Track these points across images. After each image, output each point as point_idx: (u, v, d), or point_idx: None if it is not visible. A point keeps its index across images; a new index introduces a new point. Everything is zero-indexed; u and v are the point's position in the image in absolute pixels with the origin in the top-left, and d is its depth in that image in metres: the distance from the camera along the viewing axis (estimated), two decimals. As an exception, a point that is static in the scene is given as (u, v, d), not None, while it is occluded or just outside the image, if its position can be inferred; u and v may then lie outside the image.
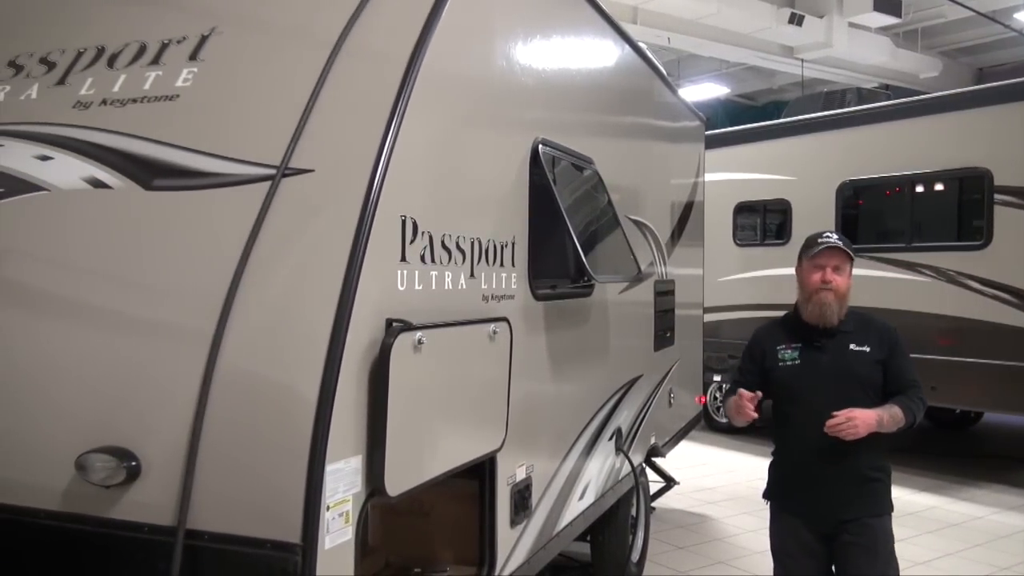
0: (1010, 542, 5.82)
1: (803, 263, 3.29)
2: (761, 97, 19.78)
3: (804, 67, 14.96)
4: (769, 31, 13.13)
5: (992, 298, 6.98)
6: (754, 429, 9.36)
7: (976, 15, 14.18)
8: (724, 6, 12.01)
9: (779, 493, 3.34)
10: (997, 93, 7.59)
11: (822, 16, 13.07)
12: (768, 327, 3.43)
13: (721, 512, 6.54)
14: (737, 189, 9.19)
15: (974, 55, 17.47)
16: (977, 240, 7.17)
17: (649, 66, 5.28)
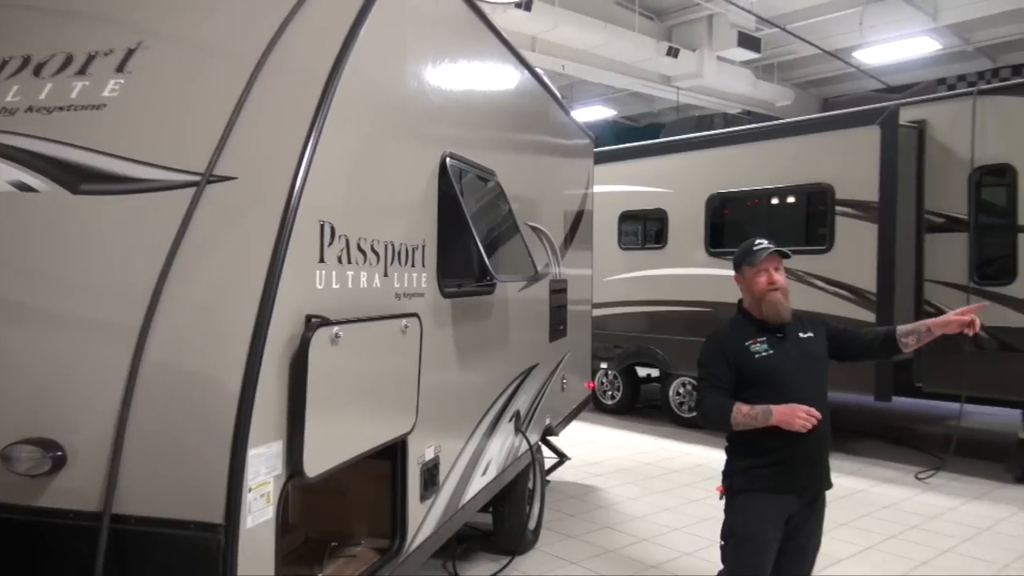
0: (848, 502, 6.13)
1: (745, 271, 3.20)
2: (643, 119, 20.23)
3: (679, 94, 15.40)
4: (650, 62, 13.45)
5: (834, 295, 7.34)
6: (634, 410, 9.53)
7: (822, 52, 14.91)
8: (612, 39, 12.23)
9: (760, 479, 3.07)
10: (839, 120, 7.96)
11: (695, 50, 13.48)
12: (725, 331, 3.24)
13: (607, 483, 6.68)
14: (622, 200, 9.37)
15: (820, 87, 18.35)
16: (822, 245, 7.51)
17: (545, 89, 5.33)
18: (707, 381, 3.13)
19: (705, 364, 3.17)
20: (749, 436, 3.04)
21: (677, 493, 6.38)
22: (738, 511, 3.12)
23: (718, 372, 3.11)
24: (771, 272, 3.16)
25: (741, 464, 3.15)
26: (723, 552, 3.17)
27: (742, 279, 3.23)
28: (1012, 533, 5.42)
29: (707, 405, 3.10)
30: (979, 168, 6.85)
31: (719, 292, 8.30)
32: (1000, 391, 6.75)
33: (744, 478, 3.12)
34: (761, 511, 3.06)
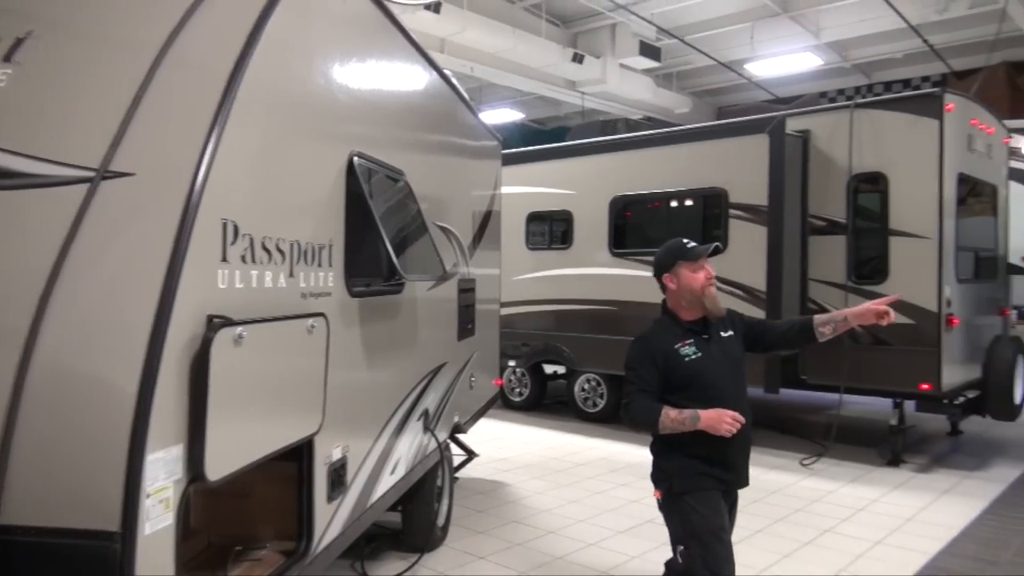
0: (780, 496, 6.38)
1: (680, 269, 3.15)
2: (549, 122, 20.47)
3: (584, 99, 15.67)
4: (556, 67, 13.63)
5: (729, 293, 7.61)
6: (541, 407, 9.58)
7: (717, 64, 15.47)
8: (519, 43, 12.33)
9: (700, 478, 3.07)
10: (732, 128, 8.28)
11: (599, 57, 13.75)
12: (652, 334, 3.18)
13: (515, 478, 6.73)
14: (529, 201, 9.46)
15: (715, 96, 19.05)
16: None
17: (454, 91, 5.32)
18: (635, 384, 3.07)
19: (633, 367, 3.11)
20: (681, 438, 3.02)
21: (582, 486, 6.49)
22: (691, 512, 3.05)
23: (646, 375, 3.07)
24: (707, 268, 3.18)
25: (675, 466, 3.10)
26: (686, 557, 3.04)
27: (675, 278, 3.17)
28: (884, 512, 5.78)
29: (635, 409, 3.05)
30: (856, 176, 7.27)
31: (622, 291, 8.49)
32: (874, 382, 7.18)
33: (684, 479, 3.08)
34: (713, 504, 3.07)
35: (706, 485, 3.08)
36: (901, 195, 7.01)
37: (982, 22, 12.18)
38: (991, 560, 4.80)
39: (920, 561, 4.77)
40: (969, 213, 7.53)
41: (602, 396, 9.03)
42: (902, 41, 14.15)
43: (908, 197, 6.97)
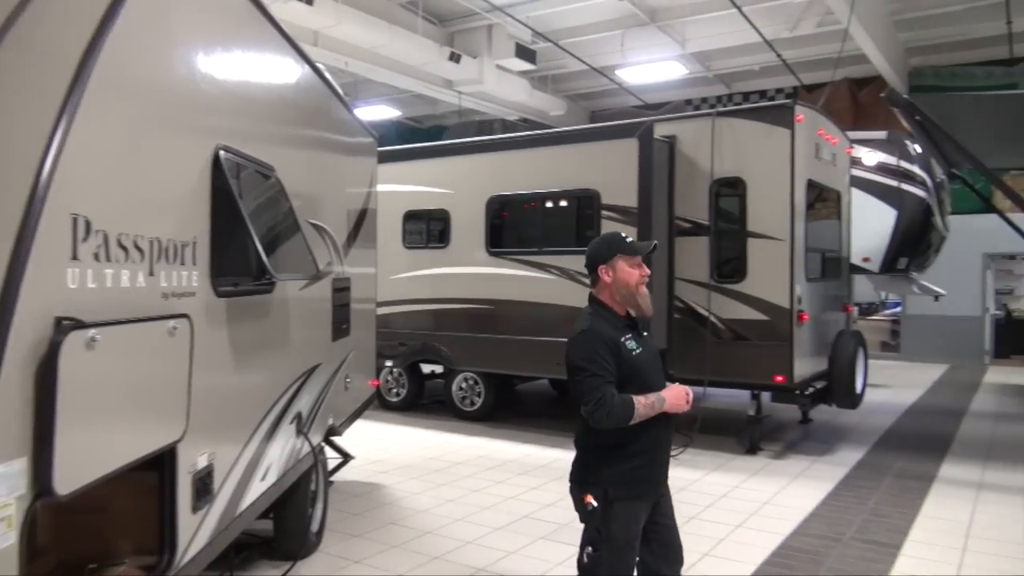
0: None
1: (618, 262, 3.07)
2: (427, 121, 20.38)
3: (461, 98, 15.70)
4: (433, 65, 13.58)
5: (600, 292, 7.86)
6: (419, 407, 9.49)
7: (590, 69, 15.91)
8: (395, 40, 12.19)
9: (637, 483, 3.00)
10: (603, 132, 8.55)
11: (476, 57, 13.81)
12: (600, 325, 3.02)
13: (392, 480, 6.65)
14: (406, 199, 9.37)
15: (589, 100, 19.58)
16: (590, 247, 8.01)
17: (327, 85, 5.20)
18: (601, 377, 2.89)
19: (594, 360, 2.91)
20: (624, 439, 2.95)
21: (460, 485, 6.51)
22: (615, 519, 2.95)
23: (607, 366, 2.92)
24: (643, 266, 3.12)
25: (613, 470, 2.98)
26: (592, 559, 2.96)
27: (611, 270, 3.08)
28: (744, 497, 6.14)
29: (613, 402, 2.86)
30: (717, 180, 7.67)
31: (500, 290, 8.57)
32: (735, 375, 7.61)
33: (620, 485, 2.97)
34: (636, 515, 3.00)
35: (641, 492, 3.02)
36: (757, 199, 7.47)
37: (828, 40, 13.16)
38: (835, 537, 5.20)
39: (776, 541, 5.10)
40: (817, 217, 8.11)
41: (480, 395, 9.08)
42: (759, 55, 15.07)
43: (763, 201, 7.43)
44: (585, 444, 3.07)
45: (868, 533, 5.30)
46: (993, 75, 15.18)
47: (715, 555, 4.90)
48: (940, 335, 14.92)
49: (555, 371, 8.78)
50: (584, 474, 3.06)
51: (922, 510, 5.83)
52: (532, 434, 8.43)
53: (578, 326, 3.05)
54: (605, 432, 2.93)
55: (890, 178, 10.20)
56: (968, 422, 9.33)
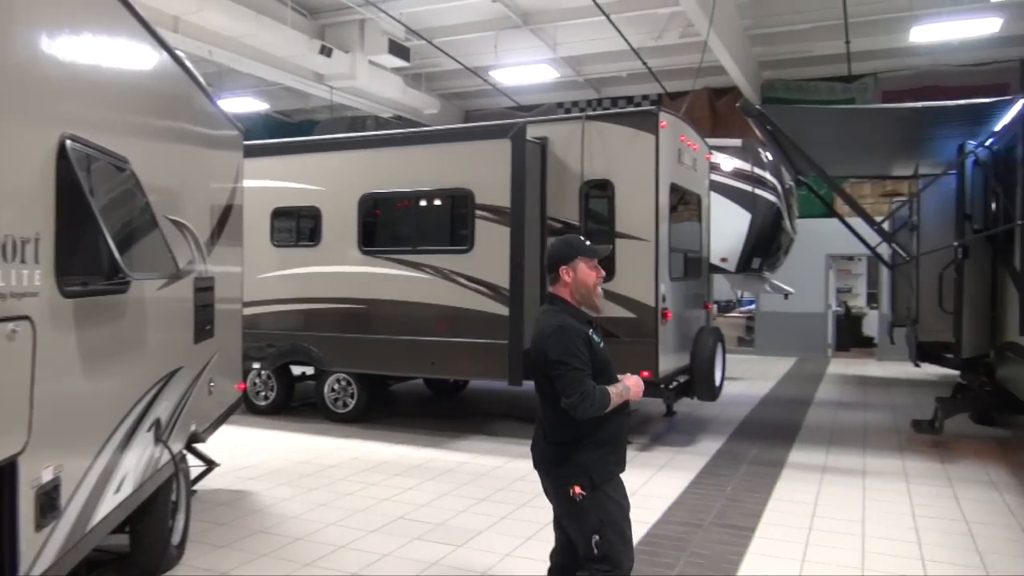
0: (488, 478, 6.68)
1: (579, 263, 3.25)
2: (297, 115, 19.77)
3: (333, 93, 15.34)
4: (302, 58, 13.19)
5: (475, 291, 7.91)
6: (289, 410, 9.20)
7: (464, 68, 15.96)
8: (262, 30, 11.74)
9: (612, 464, 3.20)
10: (477, 132, 8.61)
11: (348, 52, 13.53)
12: (570, 320, 3.18)
13: (260, 486, 6.41)
14: (275, 195, 9.06)
15: (463, 99, 19.63)
16: (464, 246, 8.05)
17: (188, 74, 4.93)
18: (582, 371, 3.06)
19: (574, 354, 3.07)
20: (597, 428, 3.12)
21: (332, 488, 6.36)
22: (608, 501, 3.13)
23: (586, 360, 3.09)
24: (599, 268, 3.31)
25: (591, 458, 3.13)
26: (602, 546, 3.08)
27: (572, 271, 3.24)
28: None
29: (590, 394, 3.02)
30: (587, 182, 7.90)
31: (373, 290, 8.44)
32: (605, 371, 7.85)
33: (601, 470, 3.14)
34: (623, 490, 3.22)
35: (615, 472, 3.21)
36: (625, 201, 7.74)
37: (689, 51, 13.84)
38: (697, 523, 5.47)
39: (643, 531, 5.31)
40: (679, 219, 8.51)
41: (352, 396, 8.91)
42: (626, 62, 15.62)
43: (630, 203, 7.71)
44: (562, 438, 3.19)
45: (726, 518, 5.62)
46: (835, 90, 16.48)
47: (586, 546, 5.04)
48: (789, 330, 16.02)
49: (430, 370, 8.76)
50: (566, 467, 3.17)
51: (774, 493, 6.24)
52: (407, 434, 8.37)
53: (550, 322, 3.18)
54: (581, 424, 3.09)
55: (745, 183, 10.87)
56: (814, 410, 10.08)
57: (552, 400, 3.15)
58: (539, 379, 3.22)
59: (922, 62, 15.53)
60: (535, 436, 3.38)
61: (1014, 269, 6.37)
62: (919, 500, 6.06)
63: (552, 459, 3.23)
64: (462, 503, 5.96)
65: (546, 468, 3.27)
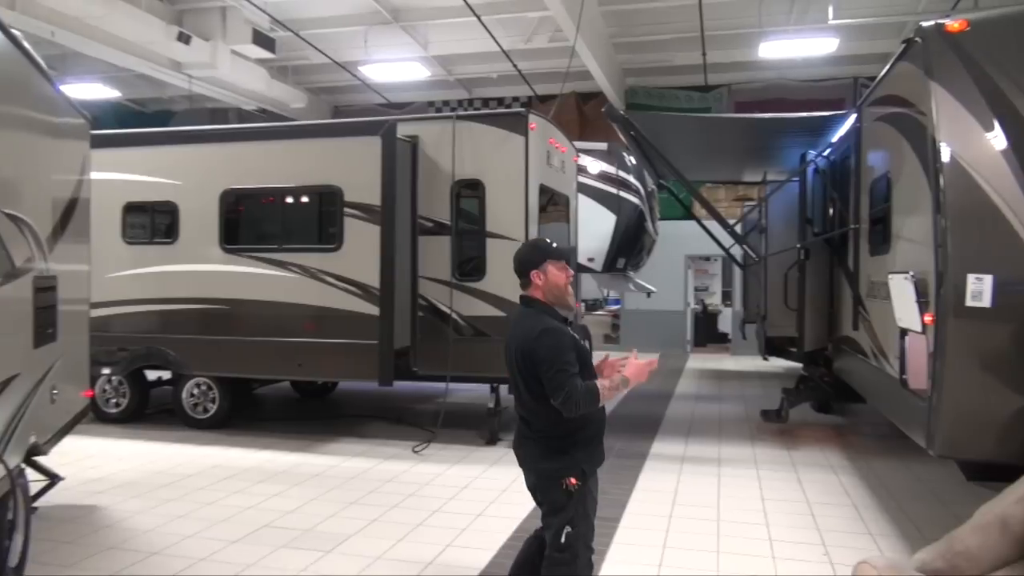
0: (357, 481, 6.56)
1: (548, 266, 3.34)
2: (152, 105, 18.62)
3: (192, 83, 14.56)
4: (158, 44, 12.45)
5: (344, 291, 7.75)
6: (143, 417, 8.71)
7: (332, 63, 15.59)
8: (113, 11, 10.97)
9: (596, 460, 3.36)
10: (347, 128, 8.44)
11: (208, 40, 12.88)
12: (553, 322, 3.28)
13: (111, 500, 5.99)
14: (127, 189, 8.50)
15: (332, 94, 19.17)
16: (333, 244, 7.87)
17: (25, 56, 4.53)
18: (569, 370, 3.14)
19: (562, 354, 3.16)
20: (585, 423, 3.25)
21: (191, 499, 6.04)
22: (589, 495, 3.30)
23: (573, 360, 3.18)
24: (569, 270, 3.41)
25: (585, 452, 3.29)
26: (570, 537, 3.22)
27: (543, 274, 3.34)
28: (484, 487, 6.41)
29: (581, 391, 3.12)
30: (458, 181, 7.92)
31: (235, 289, 8.10)
32: (475, 370, 7.90)
33: (590, 462, 3.31)
34: (590, 486, 3.34)
35: (598, 466, 3.38)
36: (495, 201, 7.82)
37: (558, 56, 14.16)
38: (566, 516, 5.62)
39: (513, 526, 5.38)
40: (548, 220, 8.70)
41: (214, 401, 8.50)
42: (497, 63, 15.79)
43: (501, 203, 7.80)
44: (554, 433, 3.27)
45: (593, 509, 5.79)
46: (692, 99, 17.37)
47: (457, 545, 5.06)
48: (652, 327, 16.74)
49: (297, 372, 8.51)
50: (561, 462, 3.26)
51: (637, 484, 6.50)
52: (272, 439, 8.08)
53: (535, 325, 3.24)
54: (570, 420, 3.17)
55: (610, 186, 11.26)
56: (674, 404, 10.59)
57: (539, 396, 3.22)
58: (522, 379, 3.27)
59: (770, 76, 16.65)
60: (516, 436, 3.46)
61: (848, 269, 6.95)
62: (767, 484, 6.50)
63: (540, 454, 3.31)
64: (331, 508, 5.82)
65: (532, 463, 3.36)
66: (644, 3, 13.36)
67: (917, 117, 4.64)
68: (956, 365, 4.02)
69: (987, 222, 4.00)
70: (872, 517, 5.64)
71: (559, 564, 3.25)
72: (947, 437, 4.12)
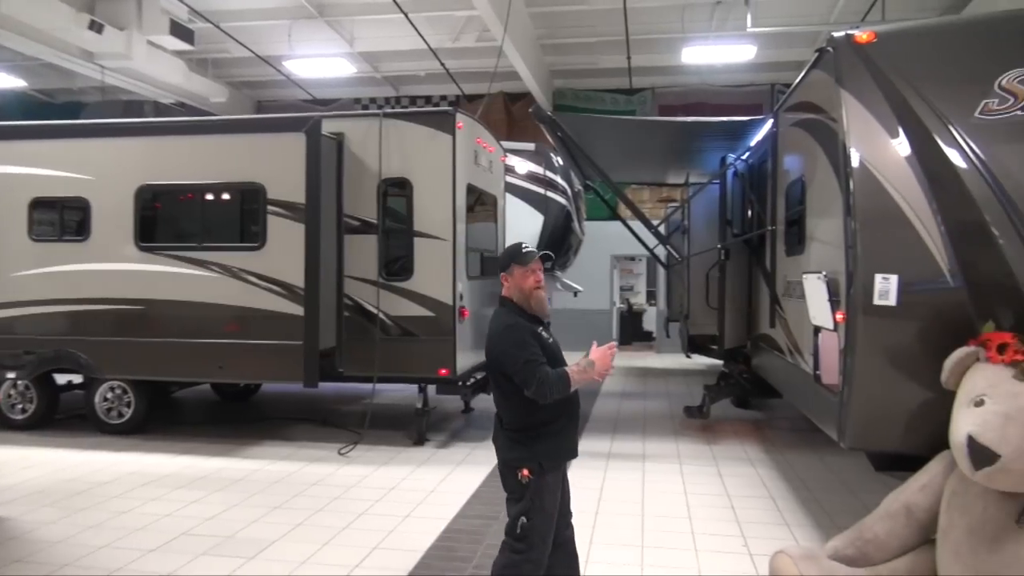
0: (281, 485, 6.41)
1: (515, 271, 3.54)
2: (61, 95, 17.74)
3: (105, 74, 13.93)
4: (68, 32, 11.85)
5: (267, 290, 7.55)
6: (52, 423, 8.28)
7: (255, 56, 15.18)
8: (17, -3, 10.41)
9: (561, 453, 3.47)
10: (270, 124, 8.24)
11: (123, 29, 12.34)
12: (518, 320, 3.47)
13: (17, 511, 5.68)
14: (33, 184, 8.08)
15: (254, 89, 18.65)
16: (255, 242, 7.66)
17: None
18: (536, 361, 3.30)
19: (525, 347, 3.33)
20: (552, 416, 3.38)
21: (105, 507, 5.79)
22: (546, 490, 3.38)
23: (537, 351, 3.35)
24: (538, 273, 3.58)
25: (546, 445, 3.40)
26: (525, 528, 3.33)
27: (509, 277, 3.56)
28: (412, 488, 6.36)
29: (551, 379, 3.27)
30: (385, 180, 7.83)
31: (152, 289, 7.81)
32: (403, 370, 7.84)
33: (551, 457, 3.41)
34: (559, 484, 3.48)
35: (563, 461, 3.50)
36: (423, 200, 7.77)
37: (486, 55, 14.15)
38: (493, 516, 5.62)
39: (440, 527, 5.37)
40: (476, 219, 8.69)
41: (129, 405, 8.16)
42: (425, 61, 15.66)
43: (428, 202, 7.75)
44: (519, 426, 3.42)
45: (520, 507, 5.82)
46: (618, 101, 17.64)
47: (384, 547, 5.01)
48: (579, 326, 16.86)
49: (218, 374, 8.27)
50: (519, 452, 3.41)
51: (564, 481, 6.56)
52: (192, 444, 7.82)
53: (501, 322, 3.48)
54: (537, 412, 3.34)
55: (538, 186, 11.31)
56: (600, 401, 10.74)
57: (508, 392, 3.40)
58: (494, 375, 3.48)
59: (692, 80, 17.06)
60: (494, 429, 3.61)
61: (766, 269, 7.19)
62: (690, 479, 6.66)
63: (506, 444, 3.47)
64: (254, 513, 5.67)
65: (501, 455, 3.51)
66: (571, 6, 13.49)
67: (829, 123, 4.84)
68: (865, 361, 4.21)
69: (893, 225, 4.18)
70: (788, 508, 5.86)
71: (513, 552, 3.38)
72: (857, 430, 4.31)
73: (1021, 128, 4.10)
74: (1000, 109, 4.13)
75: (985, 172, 4.05)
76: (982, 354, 3.64)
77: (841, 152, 4.44)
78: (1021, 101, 4.11)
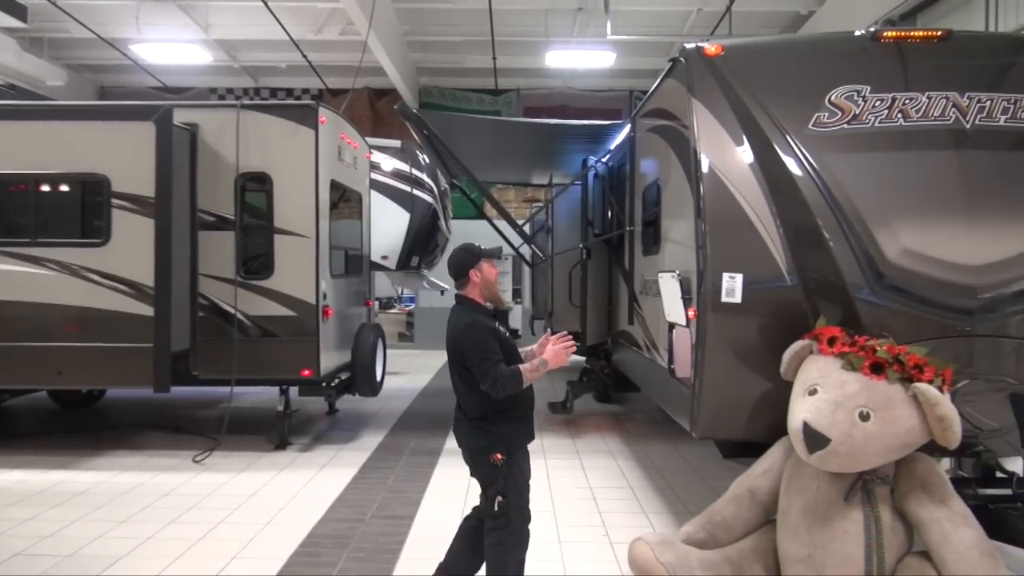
0: (129, 497, 6.01)
1: (483, 265, 3.84)
2: None
3: (-83, 49, 12.52)
4: None
5: (111, 289, 7.04)
6: None
7: (98, 38, 14.13)
8: None
9: (524, 437, 3.78)
10: (115, 111, 7.69)
11: (-61, 1, 11.15)
12: (476, 317, 3.73)
13: None
14: None
15: (97, 73, 17.35)
16: (98, 238, 7.13)
17: None
18: (493, 357, 3.58)
19: (483, 344, 3.61)
20: (512, 405, 3.65)
21: (-82, 530, 5.21)
22: (516, 468, 3.69)
23: (496, 348, 3.62)
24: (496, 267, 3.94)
25: (508, 430, 3.69)
26: (503, 506, 3.62)
27: (479, 273, 3.82)
28: (273, 493, 6.14)
29: (504, 375, 3.55)
30: (243, 174, 7.50)
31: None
32: (263, 372, 7.54)
33: (516, 441, 3.73)
34: (528, 462, 3.80)
35: (525, 443, 3.79)
36: (284, 196, 7.50)
37: (350, 49, 13.89)
38: (359, 518, 5.54)
39: (304, 532, 5.22)
40: (340, 216, 8.51)
41: (-52, 416, 7.38)
42: (286, 52, 15.17)
43: (290, 198, 7.50)
44: (482, 414, 3.69)
45: (388, 509, 5.77)
46: (484, 101, 17.80)
47: (244, 556, 4.81)
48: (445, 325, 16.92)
49: (56, 380, 7.63)
50: (487, 439, 3.68)
51: (432, 480, 6.56)
52: (26, 457, 7.17)
53: (462, 319, 3.73)
54: (498, 402, 3.60)
55: (404, 184, 11.22)
56: (467, 398, 10.77)
57: (468, 383, 3.67)
58: (456, 368, 3.74)
59: (556, 83, 17.49)
60: (455, 420, 3.88)
61: (624, 269, 7.49)
62: (555, 473, 6.83)
63: (471, 433, 3.73)
64: (97, 528, 5.29)
65: (467, 443, 3.77)
66: (437, 3, 13.47)
67: (681, 130, 5.10)
68: (714, 355, 4.47)
69: (738, 227, 4.47)
70: (646, 496, 6.14)
71: (494, 530, 3.69)
72: (706, 420, 4.57)
73: (847, 140, 4.49)
74: (830, 122, 4.50)
75: (818, 180, 4.40)
76: (815, 347, 3.96)
77: (692, 158, 4.68)
78: (848, 115, 4.50)
